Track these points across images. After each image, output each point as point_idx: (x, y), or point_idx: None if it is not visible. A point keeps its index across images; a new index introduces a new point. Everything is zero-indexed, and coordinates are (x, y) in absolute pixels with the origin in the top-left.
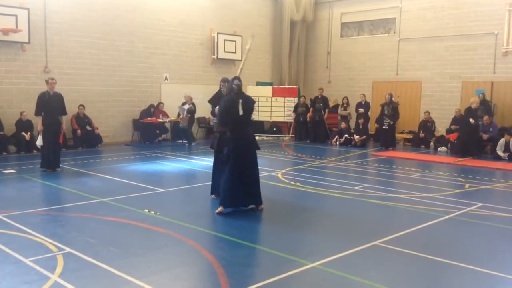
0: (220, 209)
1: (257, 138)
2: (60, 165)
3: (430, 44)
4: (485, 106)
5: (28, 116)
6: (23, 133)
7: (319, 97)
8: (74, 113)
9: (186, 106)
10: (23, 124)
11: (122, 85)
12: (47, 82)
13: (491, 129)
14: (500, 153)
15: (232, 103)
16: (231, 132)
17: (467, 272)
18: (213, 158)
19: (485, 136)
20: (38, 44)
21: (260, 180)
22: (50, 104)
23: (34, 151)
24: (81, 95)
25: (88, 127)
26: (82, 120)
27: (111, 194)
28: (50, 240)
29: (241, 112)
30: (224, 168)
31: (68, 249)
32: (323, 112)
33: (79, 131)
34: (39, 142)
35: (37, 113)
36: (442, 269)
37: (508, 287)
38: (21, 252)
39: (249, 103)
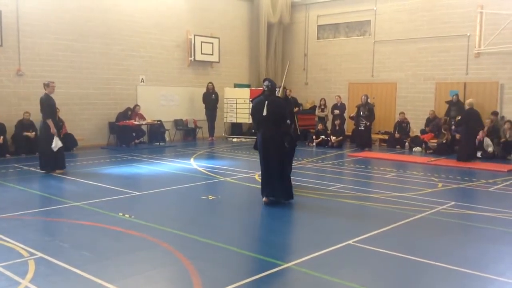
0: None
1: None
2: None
3: (404, 46)
4: (458, 107)
5: (2, 119)
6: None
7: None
8: None
9: None
10: None
11: (97, 87)
12: (47, 85)
13: None
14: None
15: (257, 104)
16: (257, 130)
17: (439, 270)
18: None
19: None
20: (10, 47)
21: (237, 181)
22: (54, 108)
23: (7, 155)
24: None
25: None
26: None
27: (85, 198)
28: (21, 245)
29: (265, 113)
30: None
31: (40, 254)
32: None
33: None
34: (56, 144)
35: (51, 116)
36: (414, 267)
37: (477, 284)
38: None
39: (276, 106)
